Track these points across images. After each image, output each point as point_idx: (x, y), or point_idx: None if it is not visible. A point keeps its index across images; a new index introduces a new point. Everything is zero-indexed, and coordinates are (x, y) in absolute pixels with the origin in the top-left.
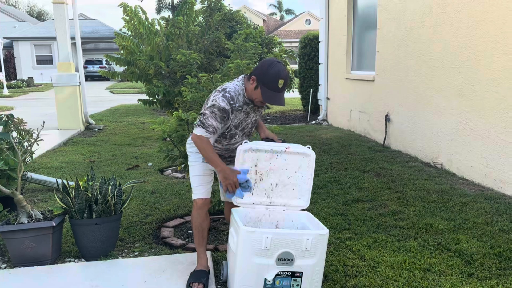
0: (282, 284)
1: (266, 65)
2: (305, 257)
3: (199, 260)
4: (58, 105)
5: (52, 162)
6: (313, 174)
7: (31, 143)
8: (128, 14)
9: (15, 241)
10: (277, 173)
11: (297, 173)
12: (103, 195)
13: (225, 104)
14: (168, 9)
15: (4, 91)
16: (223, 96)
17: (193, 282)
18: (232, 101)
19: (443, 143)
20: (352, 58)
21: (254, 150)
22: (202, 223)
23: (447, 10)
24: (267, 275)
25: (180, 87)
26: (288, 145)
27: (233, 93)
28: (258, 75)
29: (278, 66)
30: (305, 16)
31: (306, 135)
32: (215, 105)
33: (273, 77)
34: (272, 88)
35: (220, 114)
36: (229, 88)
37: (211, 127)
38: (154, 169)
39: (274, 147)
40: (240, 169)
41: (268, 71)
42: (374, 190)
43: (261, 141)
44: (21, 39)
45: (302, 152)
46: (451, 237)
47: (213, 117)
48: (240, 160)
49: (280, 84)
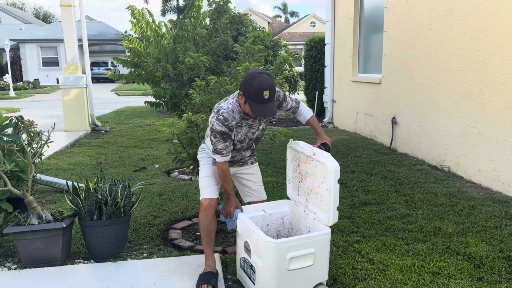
0: (246, 269)
1: (249, 79)
2: (257, 256)
3: (207, 262)
4: (65, 107)
5: (60, 163)
6: (333, 189)
7: (41, 145)
8: (135, 16)
9: (26, 242)
10: (311, 178)
11: (323, 183)
12: (112, 196)
13: (221, 127)
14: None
15: (10, 92)
16: (217, 120)
17: (202, 283)
18: (227, 122)
19: (451, 146)
20: (359, 61)
21: (295, 150)
22: (209, 225)
23: (454, 13)
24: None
25: (187, 89)
26: (315, 150)
27: (226, 114)
28: (243, 90)
29: (260, 78)
30: (310, 19)
31: (312, 137)
32: (213, 130)
33: (256, 90)
34: (258, 101)
35: (221, 136)
36: (223, 110)
37: (223, 149)
38: (161, 171)
39: (305, 150)
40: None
41: (251, 85)
42: (382, 193)
43: (301, 142)
44: (27, 41)
45: (321, 161)
46: (460, 241)
47: (218, 141)
48: (288, 157)
49: (266, 95)
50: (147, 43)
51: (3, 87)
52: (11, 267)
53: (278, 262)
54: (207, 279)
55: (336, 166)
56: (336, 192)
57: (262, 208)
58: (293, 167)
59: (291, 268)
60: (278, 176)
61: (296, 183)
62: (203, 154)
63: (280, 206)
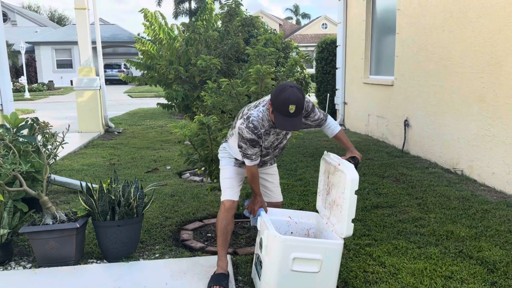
0: (257, 266)
1: (278, 90)
2: (266, 252)
3: (220, 263)
4: (78, 108)
5: (74, 164)
6: (349, 200)
7: (56, 146)
8: (148, 19)
9: (40, 241)
10: (335, 190)
11: (343, 194)
12: (125, 197)
13: (250, 135)
14: (185, 14)
15: (25, 94)
16: (247, 127)
17: (213, 285)
18: (256, 130)
19: (464, 149)
20: (371, 63)
21: (326, 161)
22: (227, 225)
23: (468, 15)
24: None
25: (199, 91)
26: (341, 161)
27: (256, 122)
28: (272, 100)
29: (289, 91)
30: (321, 20)
31: (324, 140)
32: (243, 137)
33: (283, 103)
34: (283, 114)
35: (250, 143)
36: (253, 117)
37: (253, 155)
38: (173, 172)
39: (332, 161)
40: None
41: (279, 97)
42: (394, 196)
43: (333, 154)
44: (42, 43)
45: (343, 170)
46: (473, 245)
47: (248, 148)
48: (320, 169)
49: (292, 109)
50: (159, 46)
51: (19, 89)
52: (26, 266)
53: (282, 259)
54: (218, 281)
55: (355, 176)
56: (353, 203)
57: (288, 214)
58: (324, 179)
59: (294, 269)
60: (289, 178)
61: (325, 195)
62: (224, 154)
63: (308, 217)
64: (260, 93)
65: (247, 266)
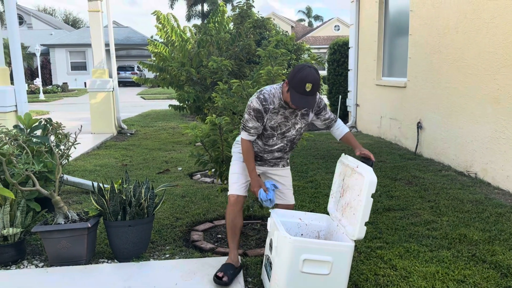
0: (267, 267)
1: (297, 69)
2: (276, 253)
3: (230, 255)
4: (92, 110)
5: (86, 165)
6: (365, 202)
7: (68, 147)
8: (161, 21)
9: (52, 240)
10: (350, 192)
11: (359, 196)
12: (136, 197)
13: (258, 105)
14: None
15: (40, 96)
16: (257, 98)
17: (219, 271)
18: (265, 102)
19: (478, 152)
20: (383, 64)
21: (343, 163)
22: (234, 219)
23: (482, 16)
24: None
25: (210, 93)
26: (359, 163)
27: (267, 95)
28: (288, 79)
29: (307, 71)
30: (334, 22)
31: (335, 142)
32: (250, 106)
33: (300, 80)
34: (299, 91)
35: (254, 114)
36: (265, 90)
37: (252, 128)
38: (184, 174)
39: (351, 163)
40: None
41: (296, 75)
42: (406, 198)
43: (349, 156)
44: (57, 46)
45: (361, 172)
46: (486, 249)
47: (251, 119)
48: (336, 171)
49: (308, 87)
50: (172, 48)
51: (34, 91)
52: (38, 265)
53: (292, 260)
54: (224, 270)
55: (373, 178)
56: (368, 206)
57: (299, 216)
58: (338, 181)
59: (304, 271)
60: (300, 180)
61: (338, 197)
62: (236, 148)
63: (318, 219)
64: None
65: (256, 268)
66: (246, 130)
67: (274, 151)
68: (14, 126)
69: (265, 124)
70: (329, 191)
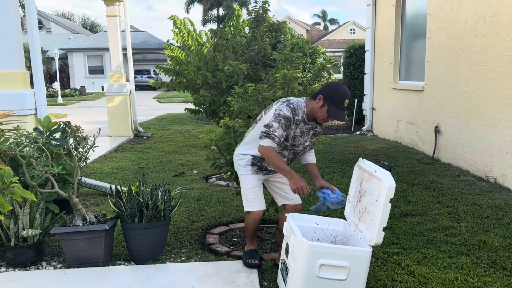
0: (283, 271)
1: (335, 86)
2: (292, 257)
3: (250, 245)
4: (109, 113)
5: (103, 167)
6: (383, 207)
7: (87, 149)
8: (177, 26)
9: (70, 242)
10: (367, 197)
11: (377, 201)
12: (153, 200)
13: (289, 113)
14: (213, 21)
15: (58, 99)
16: (287, 106)
17: (249, 258)
18: (295, 112)
19: (497, 157)
20: (400, 68)
21: (360, 167)
22: (255, 229)
23: (502, 18)
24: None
25: (226, 96)
26: (377, 168)
27: (296, 105)
28: (325, 95)
29: (345, 88)
30: (349, 26)
31: (351, 145)
32: (280, 114)
33: (341, 96)
34: (338, 106)
35: (285, 122)
36: (293, 100)
37: (277, 137)
38: (199, 177)
39: (368, 167)
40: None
41: (337, 90)
42: (424, 204)
43: (367, 161)
44: (75, 50)
45: (379, 177)
46: (506, 255)
47: (279, 127)
48: (353, 175)
49: (346, 103)
50: (188, 52)
51: (52, 94)
52: (57, 266)
53: (308, 264)
54: (252, 255)
55: (392, 183)
56: (386, 211)
57: (315, 220)
58: (356, 186)
59: (321, 276)
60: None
61: (355, 202)
62: (241, 161)
63: (335, 224)
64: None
65: (272, 272)
66: (271, 137)
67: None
68: (34, 129)
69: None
70: (345, 195)
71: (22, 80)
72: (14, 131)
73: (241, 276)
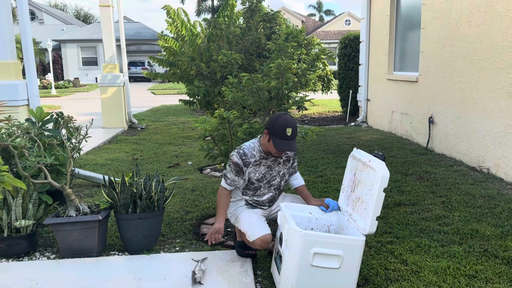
0: (277, 260)
1: (274, 117)
2: (286, 246)
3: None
4: (103, 104)
5: (97, 159)
6: (377, 196)
7: (79, 140)
8: (171, 16)
9: (64, 233)
10: (361, 187)
11: (371, 191)
12: (147, 191)
13: (237, 159)
14: (208, 11)
15: (52, 91)
16: (237, 153)
17: (244, 249)
18: (245, 157)
19: (490, 147)
20: (394, 59)
21: (354, 157)
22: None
23: (496, 8)
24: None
25: (220, 87)
26: (371, 157)
27: (247, 150)
28: (268, 128)
29: (285, 117)
30: (344, 17)
31: (345, 136)
32: (230, 159)
33: (281, 127)
34: (281, 137)
35: (234, 167)
36: (245, 146)
37: (229, 179)
38: (194, 168)
39: (363, 157)
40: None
41: (276, 122)
42: (417, 194)
43: (361, 151)
44: (68, 41)
45: (373, 167)
46: (498, 244)
47: (231, 171)
48: (347, 165)
49: (288, 132)
50: (182, 42)
51: (46, 86)
52: (50, 257)
53: (302, 253)
54: (246, 246)
55: (386, 173)
56: (380, 200)
57: (309, 210)
58: (350, 176)
59: (314, 264)
60: (310, 175)
61: (349, 192)
62: (236, 207)
63: (329, 213)
64: (280, 88)
65: (266, 261)
66: (224, 178)
67: (265, 201)
68: (26, 120)
69: (250, 178)
70: (339, 185)
71: (14, 71)
72: (6, 122)
73: (235, 266)
